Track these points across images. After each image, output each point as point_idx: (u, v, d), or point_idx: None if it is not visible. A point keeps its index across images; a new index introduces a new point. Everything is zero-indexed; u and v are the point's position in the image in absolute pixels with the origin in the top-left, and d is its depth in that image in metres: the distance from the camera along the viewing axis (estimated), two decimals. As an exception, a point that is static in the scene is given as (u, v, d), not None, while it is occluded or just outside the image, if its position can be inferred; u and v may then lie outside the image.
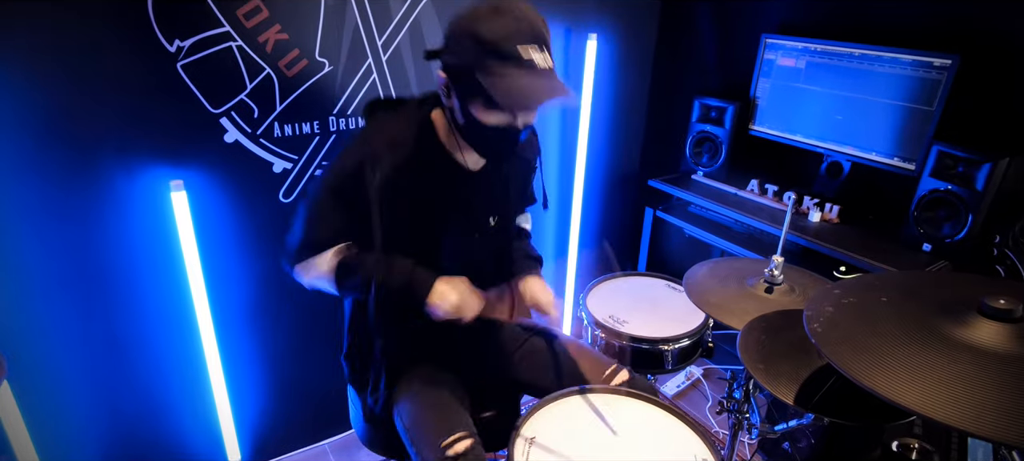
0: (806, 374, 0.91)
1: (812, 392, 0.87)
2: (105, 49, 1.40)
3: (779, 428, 1.23)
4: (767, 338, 1.00)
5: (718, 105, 2.32)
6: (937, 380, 0.65)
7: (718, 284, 1.30)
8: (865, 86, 1.93)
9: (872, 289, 0.81)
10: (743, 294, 1.25)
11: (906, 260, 1.72)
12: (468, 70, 0.99)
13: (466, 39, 0.99)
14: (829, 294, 0.81)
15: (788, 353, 0.96)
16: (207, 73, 1.53)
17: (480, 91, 0.98)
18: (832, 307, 0.77)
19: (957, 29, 1.75)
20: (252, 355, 1.89)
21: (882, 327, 0.73)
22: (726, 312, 1.17)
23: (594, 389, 1.23)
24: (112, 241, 1.55)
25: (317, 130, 1.75)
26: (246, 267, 1.77)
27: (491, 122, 1.05)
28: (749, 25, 2.30)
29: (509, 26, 0.97)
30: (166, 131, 1.53)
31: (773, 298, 1.22)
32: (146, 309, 1.66)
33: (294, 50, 1.64)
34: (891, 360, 0.69)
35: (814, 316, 0.76)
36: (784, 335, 1.01)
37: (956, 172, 1.70)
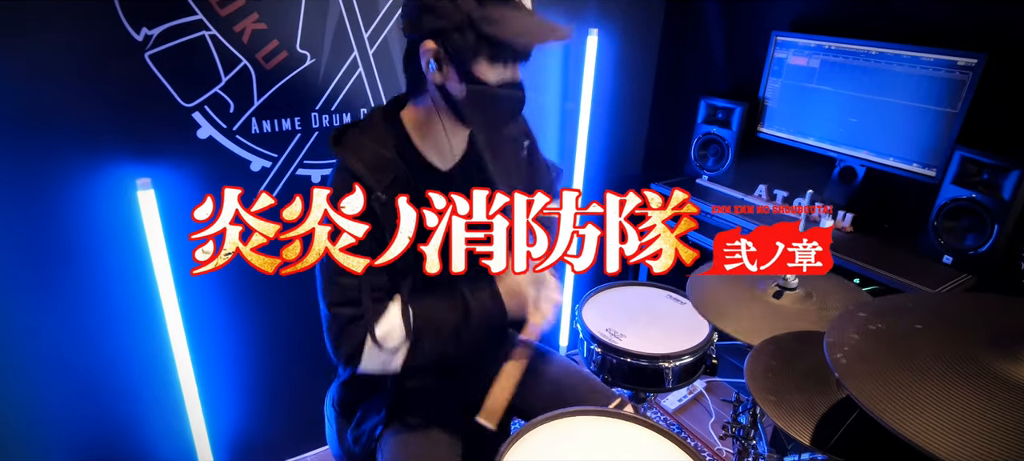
0: (824, 408, 0.80)
1: (831, 429, 0.76)
2: (65, 37, 1.30)
3: (788, 460, 1.12)
4: (778, 364, 0.89)
5: (726, 106, 2.21)
6: (987, 429, 0.54)
7: (724, 287, 1.19)
8: (882, 87, 1.81)
9: (903, 313, 0.70)
10: (751, 299, 1.14)
11: (926, 273, 1.61)
12: (467, 23, 0.92)
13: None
14: (853, 318, 0.71)
15: (803, 382, 0.85)
16: (178, 64, 1.43)
17: (486, 41, 0.93)
18: (858, 334, 0.67)
19: (983, 26, 1.63)
20: (226, 363, 1.78)
21: (918, 361, 0.62)
22: (731, 321, 1.06)
23: (585, 411, 1.12)
24: (74, 242, 1.45)
25: (298, 127, 1.65)
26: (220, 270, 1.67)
27: (495, 79, 0.98)
28: (759, 22, 2.19)
29: None
30: (133, 126, 1.43)
31: (785, 305, 1.11)
32: (112, 314, 1.56)
33: (273, 41, 1.53)
34: (929, 402, 0.58)
35: (837, 344, 0.65)
36: (798, 362, 0.90)
37: (981, 179, 1.59)
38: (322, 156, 1.71)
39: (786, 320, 1.05)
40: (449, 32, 0.94)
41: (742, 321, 1.07)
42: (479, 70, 0.96)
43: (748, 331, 1.04)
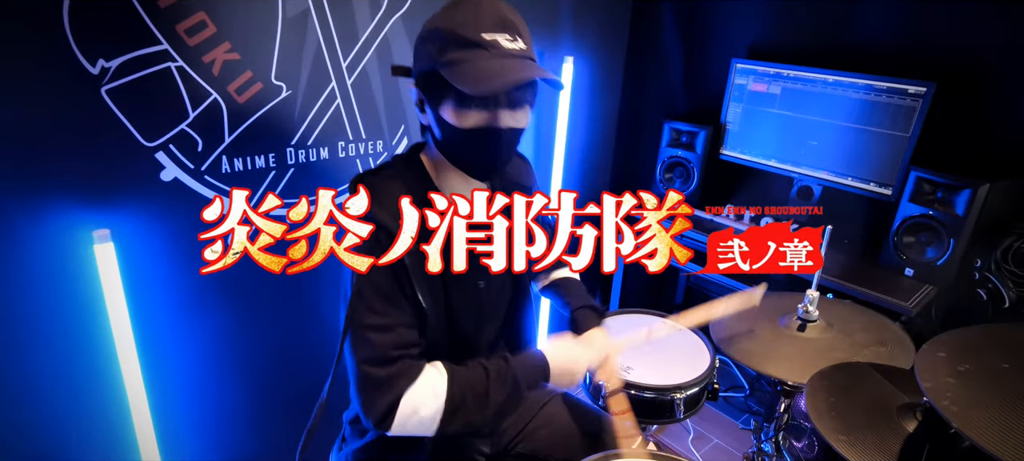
0: (896, 443, 0.81)
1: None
2: (7, 70, 1.12)
3: (822, 485, 1.15)
4: (837, 399, 0.90)
5: (689, 129, 2.28)
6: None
7: (746, 326, 1.20)
8: (839, 112, 1.93)
9: (981, 349, 0.72)
10: (777, 336, 1.16)
11: (893, 286, 1.72)
12: (433, 69, 0.90)
13: (430, 38, 0.92)
14: (935, 358, 0.72)
15: (867, 418, 0.87)
16: (140, 100, 1.27)
17: (447, 87, 0.89)
18: (953, 378, 0.68)
19: (932, 56, 1.79)
20: (194, 433, 1.60)
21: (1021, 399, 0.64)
22: (770, 362, 1.07)
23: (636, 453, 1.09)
24: (17, 306, 1.24)
25: (273, 163, 1.52)
26: (187, 329, 1.49)
27: (469, 124, 0.92)
28: (718, 50, 2.28)
29: (469, 14, 0.89)
30: (88, 170, 1.25)
31: (811, 337, 1.13)
32: (64, 385, 1.34)
33: (246, 72, 1.40)
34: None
35: (938, 390, 0.66)
36: (854, 396, 0.92)
37: (935, 198, 1.72)
38: (297, 194, 1.58)
39: (822, 352, 1.08)
40: (424, 76, 0.93)
41: (781, 361, 1.09)
42: (448, 115, 0.92)
43: (792, 370, 1.05)
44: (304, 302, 1.71)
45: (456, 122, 0.91)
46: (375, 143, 1.71)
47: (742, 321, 1.21)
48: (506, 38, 0.89)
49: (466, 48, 0.87)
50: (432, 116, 0.95)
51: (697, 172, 2.27)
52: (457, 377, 0.98)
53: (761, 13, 2.16)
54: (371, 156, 1.71)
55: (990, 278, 1.67)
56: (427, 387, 0.96)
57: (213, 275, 1.48)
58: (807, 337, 1.14)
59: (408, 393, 0.95)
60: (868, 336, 1.14)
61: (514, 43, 0.90)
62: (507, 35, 0.89)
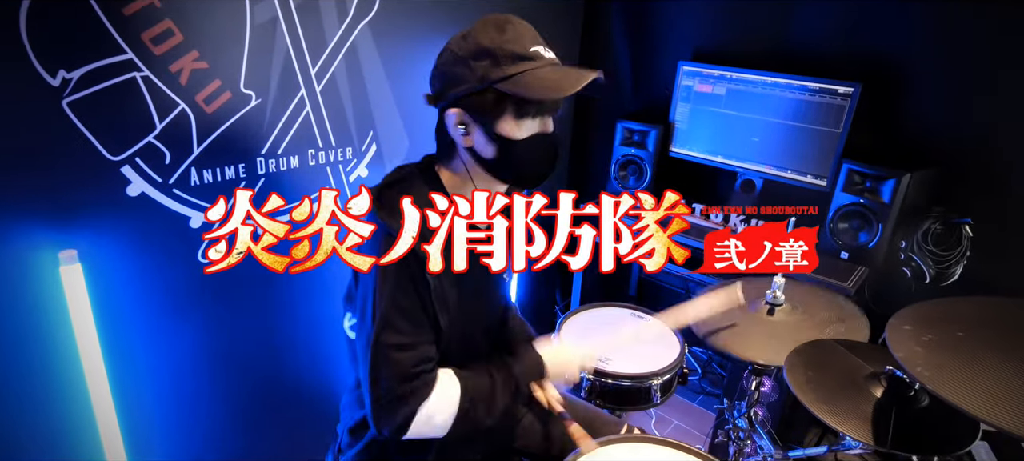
0: (868, 407, 0.92)
1: (883, 426, 0.88)
2: (-42, 84, 1.04)
3: (793, 454, 1.26)
4: (814, 373, 1.00)
5: (641, 128, 2.39)
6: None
7: (727, 320, 1.30)
8: (778, 110, 2.10)
9: (938, 322, 0.84)
10: (749, 320, 1.26)
11: (832, 268, 1.89)
12: (489, 84, 0.93)
13: (477, 58, 0.94)
14: (902, 332, 0.83)
15: (842, 387, 0.98)
16: (103, 112, 1.21)
17: (508, 101, 0.93)
18: (920, 348, 0.79)
19: (858, 60, 1.98)
20: (166, 450, 1.53)
21: (978, 360, 0.75)
22: (745, 345, 1.17)
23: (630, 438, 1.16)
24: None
25: (243, 174, 1.48)
26: (156, 349, 1.43)
27: (523, 135, 0.98)
28: (665, 53, 2.41)
29: (510, 31, 0.95)
30: (50, 187, 1.18)
31: (780, 320, 1.25)
32: (29, 411, 1.26)
33: (215, 81, 1.36)
34: (1002, 391, 0.71)
35: (911, 359, 0.77)
36: (828, 369, 1.03)
37: (864, 187, 1.91)
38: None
39: (792, 333, 1.19)
40: (474, 94, 0.95)
41: (754, 343, 1.18)
42: (505, 128, 0.96)
43: (766, 350, 1.15)
44: (276, 313, 1.68)
45: (514, 134, 0.95)
46: (345, 150, 1.70)
47: (725, 317, 1.31)
48: (544, 49, 0.95)
49: (521, 61, 0.92)
50: (482, 134, 0.97)
51: (649, 169, 2.39)
52: (468, 384, 1.02)
53: (705, 18, 2.30)
54: (341, 164, 1.70)
55: (913, 257, 1.88)
56: (442, 396, 0.99)
57: (183, 291, 1.44)
58: (776, 320, 1.25)
59: (425, 404, 0.97)
60: (829, 314, 1.26)
61: (548, 53, 0.96)
62: (543, 47, 0.95)
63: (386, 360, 0.95)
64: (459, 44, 0.96)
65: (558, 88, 0.93)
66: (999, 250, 1.83)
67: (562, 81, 0.94)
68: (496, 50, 0.92)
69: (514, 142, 0.97)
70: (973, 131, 1.85)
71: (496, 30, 0.94)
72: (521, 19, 0.98)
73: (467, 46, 0.95)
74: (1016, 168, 1.78)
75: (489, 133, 0.97)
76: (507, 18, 0.97)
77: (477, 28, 0.96)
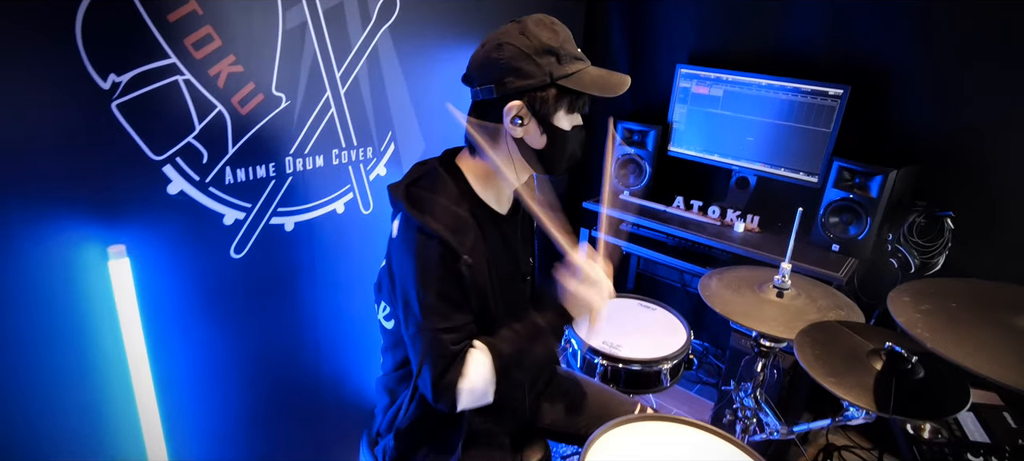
0: (870, 380, 1.03)
1: (884, 395, 0.98)
2: (19, 86, 1.09)
3: (797, 429, 1.36)
4: (821, 351, 1.10)
5: (640, 128, 2.49)
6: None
7: (734, 294, 1.40)
8: (772, 111, 2.21)
9: (933, 296, 0.95)
10: (762, 302, 1.37)
11: (824, 260, 2.01)
12: (553, 81, 1.03)
13: (541, 55, 1.02)
14: (903, 304, 0.94)
15: (846, 362, 1.08)
16: (149, 114, 1.27)
17: (566, 94, 1.04)
18: (919, 314, 0.89)
19: (848, 63, 2.10)
20: (205, 445, 1.59)
21: (966, 326, 0.86)
22: (758, 322, 1.28)
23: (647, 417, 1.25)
24: (28, 325, 1.20)
25: (272, 173, 1.54)
26: (194, 339, 1.49)
27: (571, 126, 1.09)
28: (664, 56, 2.51)
29: (561, 33, 1.06)
30: (99, 185, 1.23)
31: (787, 303, 1.35)
32: (76, 400, 1.31)
33: (249, 84, 1.43)
34: (985, 349, 0.81)
35: (911, 323, 0.87)
36: (833, 347, 1.13)
37: (854, 183, 2.03)
38: (296, 203, 1.62)
39: (798, 314, 1.29)
40: (534, 91, 1.03)
41: (767, 320, 1.29)
42: (558, 120, 1.07)
43: (778, 327, 1.25)
44: (312, 309, 1.74)
45: (565, 125, 1.07)
46: (365, 150, 1.77)
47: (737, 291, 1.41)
48: (581, 52, 1.07)
49: (576, 62, 1.05)
50: (537, 126, 1.06)
51: (649, 168, 2.49)
52: (495, 348, 1.09)
53: (702, 23, 2.41)
54: (362, 163, 1.77)
55: (899, 249, 2.00)
56: (476, 365, 1.07)
57: (215, 288, 1.50)
58: (784, 302, 1.36)
59: (466, 378, 1.05)
60: (828, 301, 1.37)
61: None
62: (580, 50, 1.07)
63: (435, 341, 1.03)
64: (520, 42, 1.02)
65: (609, 87, 1.06)
66: (978, 241, 1.96)
67: (610, 80, 1.07)
68: (558, 49, 1.03)
69: (563, 133, 1.08)
70: (953, 129, 1.98)
71: (551, 31, 1.04)
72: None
73: (531, 44, 1.02)
74: (993, 163, 1.92)
75: (544, 124, 1.06)
76: (552, 19, 1.07)
77: (534, 28, 1.03)
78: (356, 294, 1.87)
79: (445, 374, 1.04)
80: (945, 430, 1.40)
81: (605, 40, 2.62)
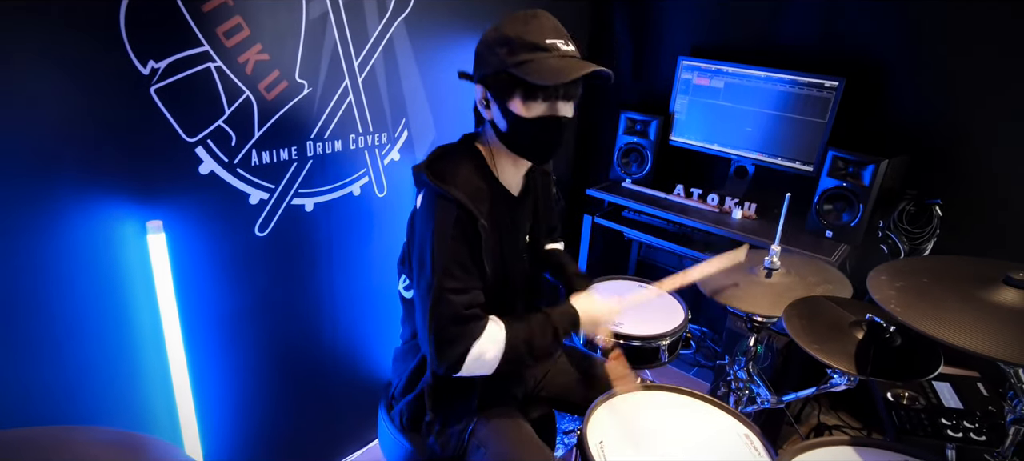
0: (852, 347, 1.12)
1: (863, 361, 1.07)
2: (68, 73, 1.18)
3: (788, 398, 1.46)
4: (807, 322, 1.19)
5: (643, 119, 2.58)
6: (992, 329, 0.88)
7: (725, 276, 1.49)
8: (770, 102, 2.30)
9: (907, 274, 1.03)
10: (752, 283, 1.46)
11: (819, 246, 2.10)
12: (503, 68, 1.09)
13: (499, 45, 1.10)
14: (879, 282, 1.03)
15: (830, 332, 1.17)
16: (183, 98, 1.36)
17: (517, 82, 1.08)
18: (893, 291, 0.98)
19: (842, 56, 2.18)
20: (234, 419, 1.69)
21: (939, 299, 0.95)
22: (749, 301, 1.37)
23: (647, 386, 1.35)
24: (70, 297, 1.30)
25: (295, 156, 1.63)
26: (222, 311, 1.59)
27: (533, 115, 1.12)
28: (666, 48, 2.59)
29: (532, 25, 1.10)
30: (139, 165, 1.33)
31: (776, 282, 1.44)
32: (112, 367, 1.41)
33: (275, 71, 1.52)
34: (954, 321, 0.90)
35: (886, 298, 0.96)
36: (817, 319, 1.22)
37: (847, 172, 2.12)
38: (315, 185, 1.71)
39: (787, 292, 1.38)
40: (493, 75, 1.13)
41: (757, 299, 1.38)
42: (515, 107, 1.13)
43: (767, 304, 1.35)
44: (329, 285, 1.84)
45: (523, 113, 1.11)
46: (380, 136, 1.86)
47: (728, 275, 1.50)
48: (562, 43, 1.10)
49: (534, 51, 1.07)
50: (498, 110, 1.15)
51: (651, 157, 2.58)
52: (511, 328, 1.19)
53: (703, 17, 2.49)
54: (377, 148, 1.86)
55: (890, 235, 2.09)
56: (491, 336, 1.16)
57: (241, 263, 1.60)
58: (773, 282, 1.45)
59: (477, 343, 1.14)
60: (817, 278, 1.46)
61: (568, 47, 1.11)
62: (563, 41, 1.11)
63: (445, 302, 1.11)
64: (490, 33, 1.14)
65: (555, 75, 1.07)
66: (965, 228, 2.05)
67: (561, 70, 1.07)
68: (515, 39, 1.08)
69: (523, 120, 1.13)
70: (943, 120, 2.06)
71: (522, 23, 1.10)
72: (549, 15, 1.14)
73: (495, 35, 1.12)
74: (981, 154, 2.00)
75: (503, 110, 1.14)
76: (535, 13, 1.12)
77: (507, 21, 1.12)
78: (370, 272, 1.96)
79: (450, 332, 1.12)
80: (922, 397, 1.49)
81: (610, 33, 2.70)
